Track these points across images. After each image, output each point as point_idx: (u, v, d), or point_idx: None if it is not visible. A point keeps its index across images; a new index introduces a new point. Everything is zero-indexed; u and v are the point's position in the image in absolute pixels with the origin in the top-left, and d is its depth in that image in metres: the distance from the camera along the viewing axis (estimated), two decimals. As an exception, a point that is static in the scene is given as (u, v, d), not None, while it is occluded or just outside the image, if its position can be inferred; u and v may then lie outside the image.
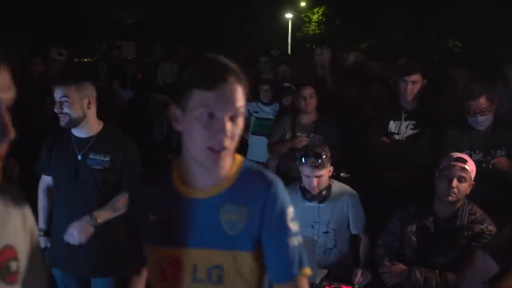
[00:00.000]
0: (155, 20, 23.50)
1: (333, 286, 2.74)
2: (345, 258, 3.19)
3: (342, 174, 4.18)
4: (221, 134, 1.27)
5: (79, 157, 2.71)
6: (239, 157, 1.46)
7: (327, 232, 3.14)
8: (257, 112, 5.07)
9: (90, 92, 2.69)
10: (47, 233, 2.90)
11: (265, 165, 4.87)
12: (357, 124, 4.22)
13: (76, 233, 2.58)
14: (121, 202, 2.67)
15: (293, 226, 1.42)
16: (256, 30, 19.19)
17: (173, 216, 1.40)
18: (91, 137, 2.73)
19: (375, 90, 4.62)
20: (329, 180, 3.19)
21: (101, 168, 2.70)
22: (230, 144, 1.31)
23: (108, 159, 2.70)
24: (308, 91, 4.15)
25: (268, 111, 4.98)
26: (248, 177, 1.42)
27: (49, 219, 2.92)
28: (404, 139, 3.80)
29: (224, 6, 19.97)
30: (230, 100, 1.28)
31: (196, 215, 1.39)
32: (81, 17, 21.11)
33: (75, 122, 2.66)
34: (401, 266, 2.78)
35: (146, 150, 5.48)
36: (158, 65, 6.41)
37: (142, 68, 7.08)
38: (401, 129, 3.82)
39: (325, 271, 2.86)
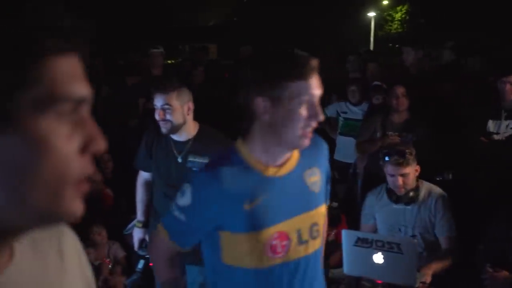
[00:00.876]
0: (237, 22, 23.96)
1: (430, 290, 2.64)
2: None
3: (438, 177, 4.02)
4: (315, 118, 1.42)
5: (179, 160, 2.79)
6: None
7: (414, 236, 3.01)
8: (345, 112, 5.01)
9: (189, 97, 2.74)
10: (145, 224, 3.03)
11: (353, 165, 4.82)
12: (451, 122, 4.07)
13: None
14: None
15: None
16: (338, 30, 18.98)
17: (269, 197, 1.50)
18: (189, 140, 2.79)
19: (471, 87, 4.42)
20: (417, 181, 3.07)
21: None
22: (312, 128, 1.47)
23: (206, 161, 2.71)
24: (400, 90, 4.05)
25: (356, 111, 4.90)
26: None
27: (147, 211, 3.04)
28: (504, 138, 3.65)
29: (306, 6, 19.93)
30: (319, 87, 1.42)
31: (289, 188, 1.54)
32: (164, 19, 21.95)
33: (176, 129, 2.72)
34: (505, 273, 2.62)
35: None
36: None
37: (227, 69, 7.18)
38: (500, 128, 3.68)
39: (424, 274, 2.76)
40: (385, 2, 22.25)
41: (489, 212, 3.09)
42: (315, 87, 1.41)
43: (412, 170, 3.00)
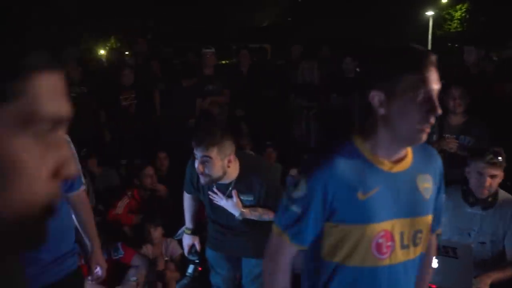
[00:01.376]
0: (290, 22, 23.91)
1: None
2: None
3: None
4: (433, 112, 1.40)
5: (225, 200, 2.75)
6: None
7: (483, 243, 2.90)
8: None
9: (230, 150, 2.59)
10: (193, 231, 3.09)
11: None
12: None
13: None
14: (268, 215, 2.72)
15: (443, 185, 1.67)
16: (396, 29, 18.60)
17: (383, 190, 1.50)
18: (231, 182, 2.71)
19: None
20: (497, 187, 2.94)
21: (248, 204, 2.76)
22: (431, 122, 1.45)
23: (252, 198, 2.74)
24: (457, 91, 3.94)
25: None
26: (419, 149, 1.58)
27: (195, 218, 3.09)
28: None
29: (361, 5, 19.66)
30: (437, 80, 1.41)
31: (401, 186, 1.53)
32: (217, 19, 22.22)
33: (215, 181, 2.64)
34: None
35: (284, 148, 5.65)
36: (298, 65, 6.46)
37: (279, 69, 7.20)
38: None
39: (480, 281, 2.68)
40: (444, 1, 21.60)
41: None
42: (433, 81, 1.40)
43: (501, 174, 2.89)
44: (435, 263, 2.43)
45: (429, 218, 1.60)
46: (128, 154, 5.67)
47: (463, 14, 21.47)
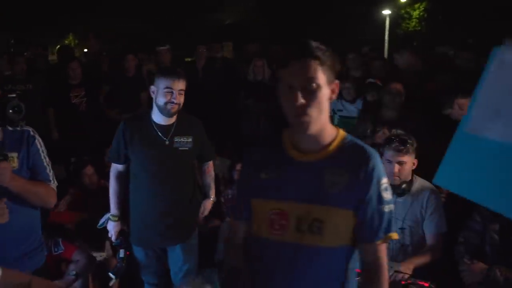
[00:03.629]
0: (253, 21, 23.99)
1: (409, 281, 2.70)
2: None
3: None
4: (296, 103, 1.54)
5: (167, 142, 3.00)
6: (342, 132, 1.73)
7: (403, 229, 3.05)
8: (341, 110, 5.07)
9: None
10: (120, 217, 3.19)
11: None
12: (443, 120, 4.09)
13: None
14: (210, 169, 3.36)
15: (386, 195, 1.68)
16: (352, 28, 18.93)
17: (283, 175, 1.67)
18: (173, 123, 3.03)
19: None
20: (412, 175, 3.11)
21: (187, 149, 3.05)
22: (308, 111, 1.56)
23: (191, 140, 3.05)
24: (395, 87, 4.10)
25: (352, 109, 4.96)
26: (351, 148, 1.68)
27: (121, 204, 3.20)
28: None
29: (320, 4, 19.91)
30: (303, 74, 1.54)
31: (303, 174, 1.65)
32: (180, 18, 22.16)
33: (179, 111, 3.02)
34: (481, 265, 2.69)
35: (233, 142, 5.74)
36: (251, 62, 6.51)
37: (232, 66, 7.22)
38: None
39: (398, 264, 2.83)
40: (403, 0, 22.04)
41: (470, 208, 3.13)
42: (297, 74, 1.54)
43: (409, 160, 3.03)
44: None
45: (335, 211, 1.64)
46: (79, 152, 5.65)
47: (422, 13, 21.96)
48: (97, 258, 3.64)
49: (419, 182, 3.12)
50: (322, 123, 1.63)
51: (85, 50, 14.06)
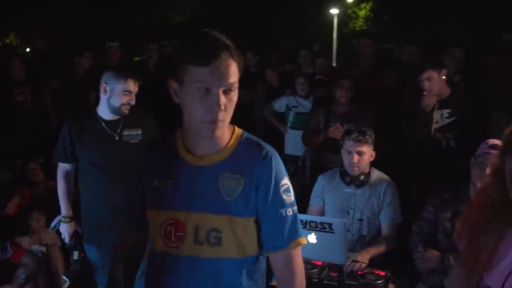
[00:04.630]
0: (203, 18, 23.84)
1: (365, 270, 2.74)
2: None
3: None
4: (216, 107, 1.37)
5: (117, 137, 2.97)
6: (238, 130, 1.58)
7: (361, 220, 3.13)
8: (296, 107, 5.09)
9: None
10: (72, 218, 3.12)
11: (302, 158, 4.92)
12: (394, 114, 4.20)
13: None
14: None
15: (287, 197, 1.53)
16: (301, 26, 19.16)
17: (177, 181, 1.51)
18: (120, 118, 2.99)
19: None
20: (370, 167, 3.19)
21: (137, 141, 3.00)
22: (224, 116, 1.42)
23: (140, 132, 3.02)
24: (345, 82, 4.17)
25: (306, 105, 5.00)
26: (247, 148, 1.53)
27: (70, 203, 3.12)
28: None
29: (270, 2, 20.03)
30: (223, 75, 1.36)
31: (198, 181, 1.50)
32: (129, 15, 21.74)
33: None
34: (434, 252, 2.76)
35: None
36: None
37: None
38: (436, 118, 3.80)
39: (355, 254, 2.87)
40: (350, 0, 22.51)
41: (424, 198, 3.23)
42: (218, 75, 1.36)
43: (368, 151, 3.13)
44: (313, 239, 2.57)
45: (233, 220, 1.49)
46: (25, 152, 5.43)
47: (368, 13, 22.51)
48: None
49: (376, 174, 3.22)
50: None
51: (27, 49, 13.58)
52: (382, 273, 2.69)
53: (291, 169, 5.12)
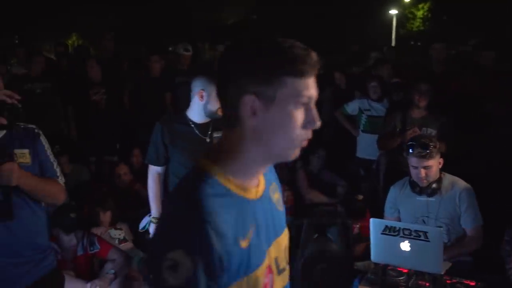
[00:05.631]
0: (257, 19, 23.98)
1: (454, 280, 2.68)
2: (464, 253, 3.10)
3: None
4: (313, 124, 1.14)
5: (208, 140, 3.03)
6: None
7: (439, 227, 3.02)
8: (368, 110, 5.05)
9: None
10: None
11: (376, 162, 4.87)
12: (475, 118, 4.10)
13: None
14: None
15: None
16: (360, 28, 18.91)
17: (257, 225, 1.18)
18: (210, 120, 3.07)
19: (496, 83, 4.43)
20: (440, 173, 3.12)
21: None
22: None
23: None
24: (424, 86, 4.10)
25: (379, 108, 4.94)
26: None
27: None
28: None
29: (327, 3, 19.90)
30: (315, 87, 1.14)
31: (266, 211, 1.24)
32: (184, 17, 22.12)
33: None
34: (530, 263, 2.67)
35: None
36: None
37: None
38: None
39: (449, 264, 2.82)
40: (407, 0, 22.05)
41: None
42: (314, 87, 1.13)
43: (435, 163, 3.05)
44: (407, 247, 2.54)
45: (286, 231, 1.32)
46: (99, 150, 5.63)
47: (425, 13, 22.00)
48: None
49: (449, 179, 3.15)
50: None
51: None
52: (472, 283, 2.63)
53: (361, 172, 5.09)
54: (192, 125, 3.05)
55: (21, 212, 2.10)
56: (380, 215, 3.70)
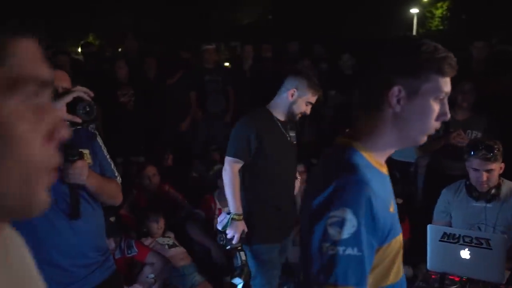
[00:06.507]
0: (270, 20, 23.90)
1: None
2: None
3: None
4: (445, 117, 1.33)
5: (289, 138, 3.09)
6: None
7: (503, 234, 2.94)
8: None
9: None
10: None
11: (415, 164, 4.74)
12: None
13: None
14: None
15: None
16: (379, 28, 18.74)
17: (393, 199, 1.39)
18: (287, 119, 3.10)
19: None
20: (499, 178, 3.00)
21: (295, 142, 3.16)
22: None
23: (294, 134, 3.16)
24: (467, 86, 3.98)
25: None
26: None
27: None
28: None
29: (344, 3, 19.75)
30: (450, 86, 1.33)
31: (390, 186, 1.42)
32: (203, 18, 22.09)
33: None
34: None
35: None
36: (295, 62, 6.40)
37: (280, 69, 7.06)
38: None
39: (508, 272, 2.70)
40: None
41: None
42: (450, 86, 1.32)
43: (497, 167, 2.93)
44: (467, 255, 2.43)
45: None
46: (126, 151, 5.58)
47: (444, 12, 21.74)
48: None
49: (508, 185, 3.03)
50: None
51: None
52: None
53: (397, 174, 4.97)
54: (278, 122, 3.06)
55: (85, 212, 2.07)
56: (418, 219, 3.60)
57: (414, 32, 20.71)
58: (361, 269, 1.17)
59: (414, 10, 21.28)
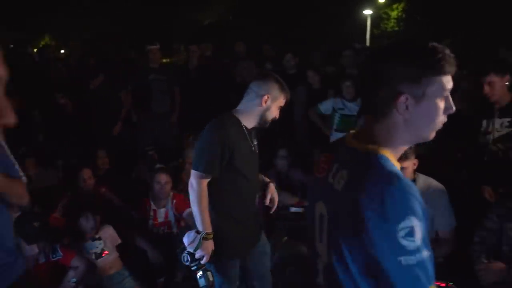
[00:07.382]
0: (232, 20, 23.94)
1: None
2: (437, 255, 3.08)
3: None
4: (451, 110, 1.36)
5: (253, 147, 2.79)
6: None
7: None
8: (342, 109, 5.01)
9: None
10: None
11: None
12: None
13: None
14: None
15: None
16: (334, 28, 19.00)
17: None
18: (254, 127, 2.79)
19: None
20: (414, 173, 3.07)
21: (257, 151, 2.85)
22: None
23: (256, 143, 2.85)
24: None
25: (353, 107, 4.91)
26: None
27: None
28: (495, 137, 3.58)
29: (301, 4, 19.94)
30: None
31: None
32: (161, 17, 21.95)
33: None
34: (499, 264, 2.64)
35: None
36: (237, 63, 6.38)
37: (224, 67, 7.04)
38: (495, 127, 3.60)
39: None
40: (381, 0, 22.20)
41: (485, 206, 3.11)
42: (451, 81, 1.35)
43: (410, 164, 2.99)
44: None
45: None
46: (65, 154, 5.48)
47: (400, 14, 22.16)
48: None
49: (423, 180, 3.09)
50: None
51: (62, 51, 13.81)
52: (443, 285, 2.59)
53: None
54: (245, 130, 2.74)
55: None
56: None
57: (368, 33, 21.03)
58: (432, 263, 1.24)
59: (368, 12, 21.63)
